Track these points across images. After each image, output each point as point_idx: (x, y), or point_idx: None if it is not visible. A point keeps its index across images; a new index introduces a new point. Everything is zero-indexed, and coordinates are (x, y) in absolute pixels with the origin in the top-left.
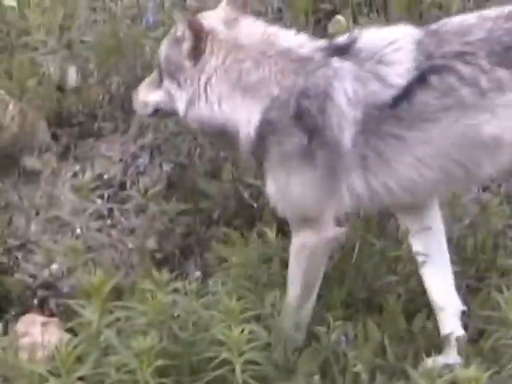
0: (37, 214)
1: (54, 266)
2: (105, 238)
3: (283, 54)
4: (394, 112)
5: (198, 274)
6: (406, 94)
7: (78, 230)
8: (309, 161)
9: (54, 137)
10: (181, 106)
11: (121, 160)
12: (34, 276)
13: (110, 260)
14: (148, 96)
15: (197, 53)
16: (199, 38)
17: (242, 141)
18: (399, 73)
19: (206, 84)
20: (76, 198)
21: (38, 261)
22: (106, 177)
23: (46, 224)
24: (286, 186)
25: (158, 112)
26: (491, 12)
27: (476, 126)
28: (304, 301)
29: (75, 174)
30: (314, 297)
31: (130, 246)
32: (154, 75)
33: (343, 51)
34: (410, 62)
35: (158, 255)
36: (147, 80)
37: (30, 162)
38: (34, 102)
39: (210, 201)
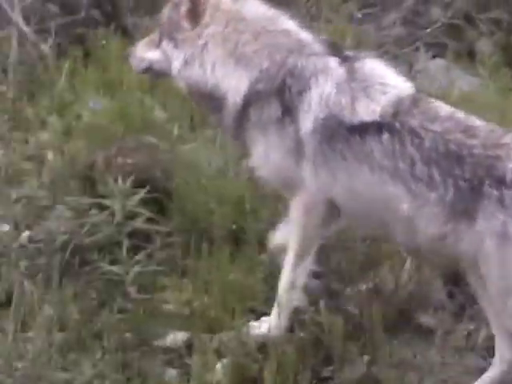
0: (430, 372)
1: None
2: None
3: (282, 32)
4: (347, 135)
5: None
6: (361, 130)
7: None
8: (281, 132)
9: (450, 295)
10: (176, 66)
11: None
12: None
13: None
14: (145, 53)
15: (193, 15)
16: (196, 2)
17: (228, 107)
18: (370, 109)
19: (203, 47)
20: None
21: None
22: None
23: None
24: (265, 153)
25: (150, 70)
26: (462, 116)
27: (396, 198)
28: (300, 258)
29: (469, 334)
30: (308, 257)
31: None
32: (154, 35)
33: (343, 58)
34: (381, 107)
35: None
36: (147, 38)
37: (425, 319)
38: None
39: None
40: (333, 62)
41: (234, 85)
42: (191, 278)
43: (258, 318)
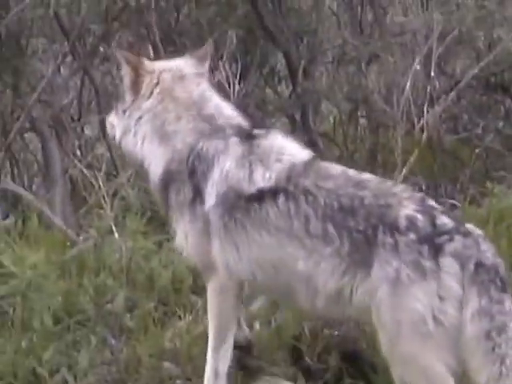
0: None
1: None
2: None
3: (203, 117)
4: (245, 205)
5: None
6: (259, 197)
7: None
8: (193, 213)
9: None
10: (117, 135)
11: None
12: None
13: None
14: (114, 120)
15: (135, 87)
16: (137, 73)
17: (151, 182)
18: (265, 177)
19: (137, 120)
20: None
21: None
22: None
23: None
24: (184, 235)
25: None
26: (353, 172)
27: (293, 257)
28: (219, 343)
29: None
30: (229, 342)
31: None
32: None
33: (249, 137)
34: (276, 173)
35: None
36: (119, 106)
37: None
38: None
39: None
40: (234, 141)
41: (154, 163)
42: None
43: None
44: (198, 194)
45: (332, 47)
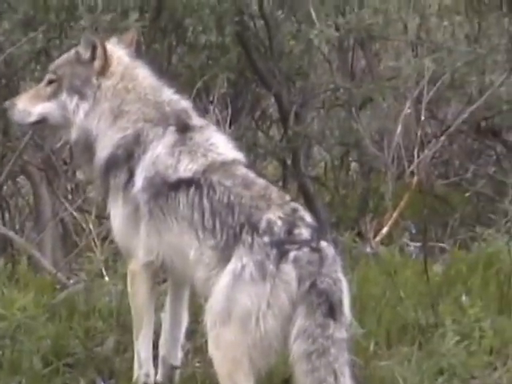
0: None
1: None
2: None
3: (157, 103)
4: (167, 192)
5: None
6: (177, 186)
7: None
8: (125, 197)
9: None
10: (80, 116)
11: None
12: None
13: None
14: (33, 106)
15: (103, 70)
16: (107, 57)
17: (95, 164)
18: (187, 168)
19: (99, 99)
20: None
21: None
22: None
23: None
24: (113, 218)
25: (42, 122)
26: (253, 175)
27: (189, 248)
28: (138, 329)
29: None
30: (146, 328)
31: None
32: (42, 89)
33: (185, 128)
34: (197, 166)
35: None
36: (30, 93)
37: None
38: None
39: None
40: (171, 130)
41: (102, 145)
42: None
43: None
44: (131, 177)
45: (324, 91)
